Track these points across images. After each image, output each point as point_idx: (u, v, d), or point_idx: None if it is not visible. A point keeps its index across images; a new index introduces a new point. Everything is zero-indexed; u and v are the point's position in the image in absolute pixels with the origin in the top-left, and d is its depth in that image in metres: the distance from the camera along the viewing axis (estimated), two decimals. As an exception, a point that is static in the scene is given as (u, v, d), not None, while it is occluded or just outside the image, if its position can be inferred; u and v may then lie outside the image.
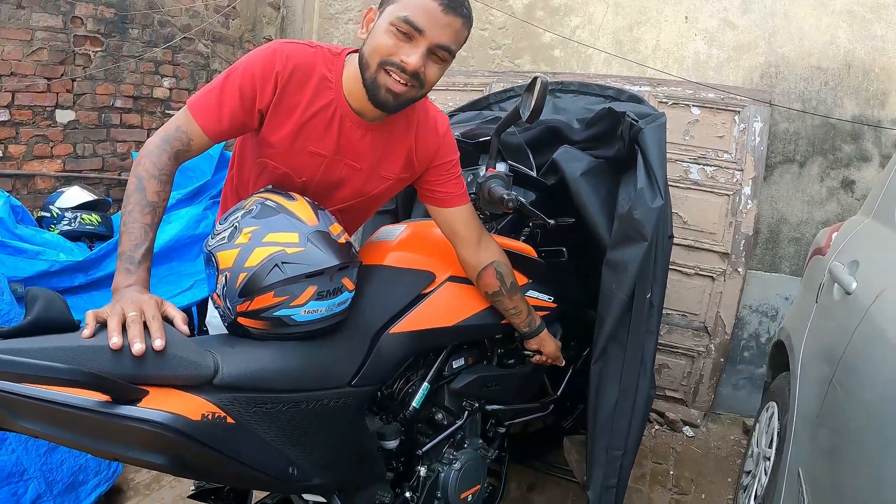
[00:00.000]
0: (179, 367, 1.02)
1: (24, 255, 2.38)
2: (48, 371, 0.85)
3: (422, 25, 1.23)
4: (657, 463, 2.83)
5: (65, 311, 0.98)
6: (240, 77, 1.28)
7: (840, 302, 1.68)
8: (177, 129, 1.27)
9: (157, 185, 1.20)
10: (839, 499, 1.31)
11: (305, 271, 1.17)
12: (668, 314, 3.13)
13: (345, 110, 1.36)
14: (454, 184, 1.55)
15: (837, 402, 1.46)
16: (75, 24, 3.10)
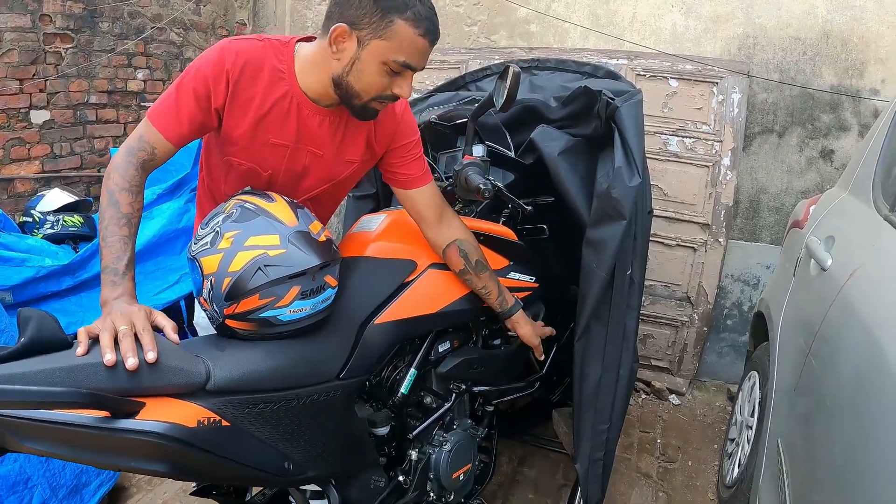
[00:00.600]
0: (173, 377, 1.04)
1: (9, 263, 2.36)
2: (49, 396, 0.89)
3: (416, 65, 1.29)
4: (644, 432, 2.89)
5: (57, 330, 1.00)
6: (192, 80, 1.29)
7: (816, 277, 1.70)
8: (139, 139, 1.29)
9: (129, 196, 1.22)
10: (815, 471, 1.34)
11: (288, 273, 1.19)
12: (651, 285, 3.18)
13: (301, 99, 1.38)
14: (415, 165, 1.57)
15: (813, 378, 1.49)
16: (44, 23, 3.03)
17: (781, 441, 1.62)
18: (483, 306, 1.74)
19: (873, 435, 1.11)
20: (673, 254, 3.13)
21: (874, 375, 1.16)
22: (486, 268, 1.66)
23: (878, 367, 1.15)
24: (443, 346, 1.71)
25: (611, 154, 1.79)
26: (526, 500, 2.41)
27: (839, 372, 1.35)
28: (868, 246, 1.55)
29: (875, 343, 1.19)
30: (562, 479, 2.52)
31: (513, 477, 2.53)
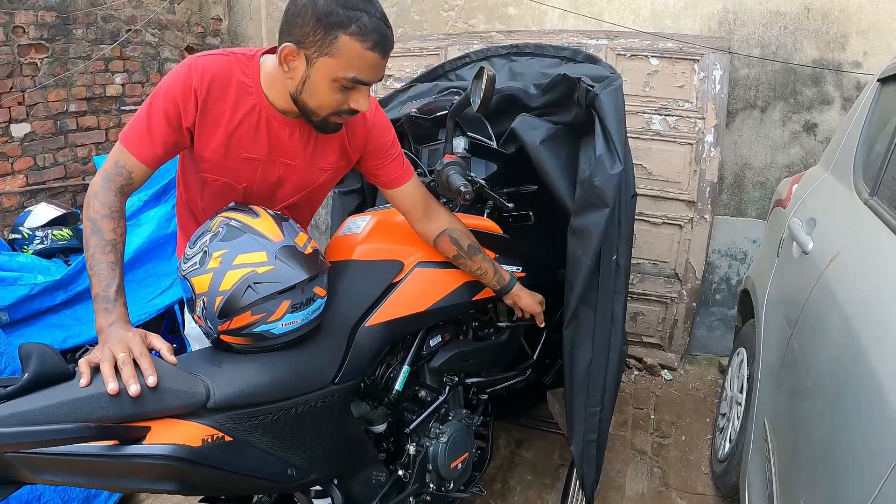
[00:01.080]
0: (174, 399, 1.08)
1: (2, 282, 2.37)
2: (59, 433, 0.93)
3: (368, 79, 1.26)
4: (638, 408, 2.94)
5: (59, 363, 1.02)
6: (162, 101, 1.29)
7: (798, 260, 1.72)
8: (115, 164, 1.29)
9: (111, 223, 1.24)
10: (798, 452, 1.37)
11: (278, 289, 1.22)
12: (639, 263, 3.21)
13: (269, 112, 1.37)
14: (393, 166, 1.58)
15: (795, 360, 1.51)
16: (17, 34, 2.99)
17: (767, 420, 1.65)
18: (472, 299, 1.76)
19: (848, 423, 1.13)
20: (659, 232, 3.16)
21: (850, 365, 1.18)
22: (478, 250, 1.69)
23: (854, 357, 1.16)
24: (434, 340, 1.74)
25: (592, 141, 1.81)
26: (524, 481, 2.46)
27: (818, 357, 1.37)
28: (848, 231, 1.55)
29: (852, 332, 1.20)
30: (559, 460, 2.57)
31: (511, 459, 2.58)
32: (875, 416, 1.03)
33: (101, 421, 0.99)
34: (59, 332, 2.47)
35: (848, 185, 1.73)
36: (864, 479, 1.01)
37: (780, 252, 1.96)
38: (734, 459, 2.06)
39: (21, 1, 2.98)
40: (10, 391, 0.96)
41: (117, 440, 1.01)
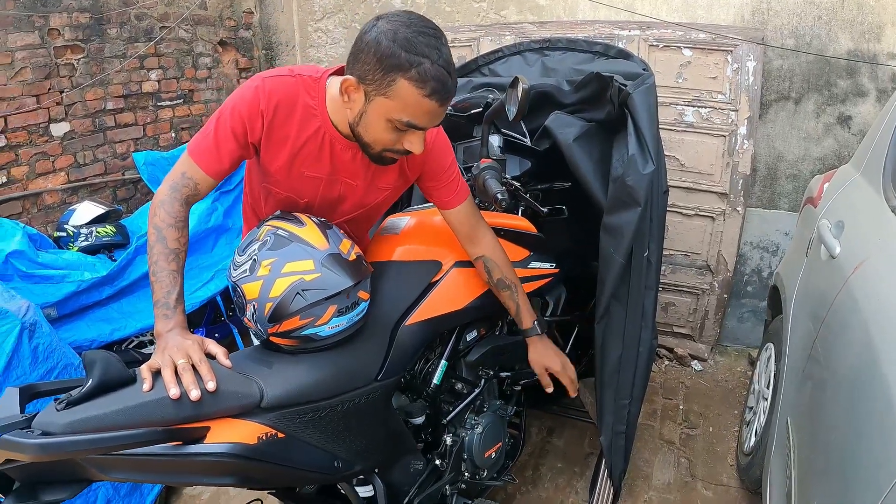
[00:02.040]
0: (231, 400, 1.15)
1: (50, 280, 2.47)
2: (130, 439, 1.02)
3: (422, 124, 1.27)
4: (667, 398, 2.97)
5: (122, 369, 1.10)
6: (229, 118, 1.34)
7: (826, 263, 1.71)
8: (182, 175, 1.36)
9: (175, 232, 1.30)
10: (817, 455, 1.39)
11: (325, 295, 1.28)
12: (671, 254, 3.23)
13: (333, 135, 1.40)
14: (448, 189, 1.60)
15: (818, 363, 1.52)
16: (53, 37, 3.07)
17: (790, 418, 1.66)
18: None
19: (861, 430, 1.15)
20: (692, 223, 3.17)
21: (866, 373, 1.19)
22: (507, 287, 1.71)
23: (870, 366, 1.18)
24: (470, 335, 1.80)
25: (625, 138, 1.83)
26: (555, 468, 2.52)
27: (839, 362, 1.38)
28: (875, 238, 1.53)
29: (870, 342, 1.21)
30: (588, 448, 2.63)
31: (542, 447, 2.64)
32: (887, 425, 1.04)
33: (164, 423, 1.07)
34: (105, 325, 2.59)
35: (877, 190, 1.70)
36: (873, 485, 1.03)
37: (809, 252, 1.96)
38: (759, 454, 2.08)
39: (55, 4, 3.06)
40: (77, 396, 1.04)
41: (180, 441, 1.09)
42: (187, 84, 3.84)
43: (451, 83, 1.23)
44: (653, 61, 3.04)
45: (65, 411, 1.01)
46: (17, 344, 1.89)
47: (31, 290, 2.39)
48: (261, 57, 4.34)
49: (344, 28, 4.02)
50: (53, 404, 1.04)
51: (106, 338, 2.55)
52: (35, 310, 2.03)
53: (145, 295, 2.73)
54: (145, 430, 1.04)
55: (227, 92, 4.10)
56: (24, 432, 0.98)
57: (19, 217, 2.98)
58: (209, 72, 3.99)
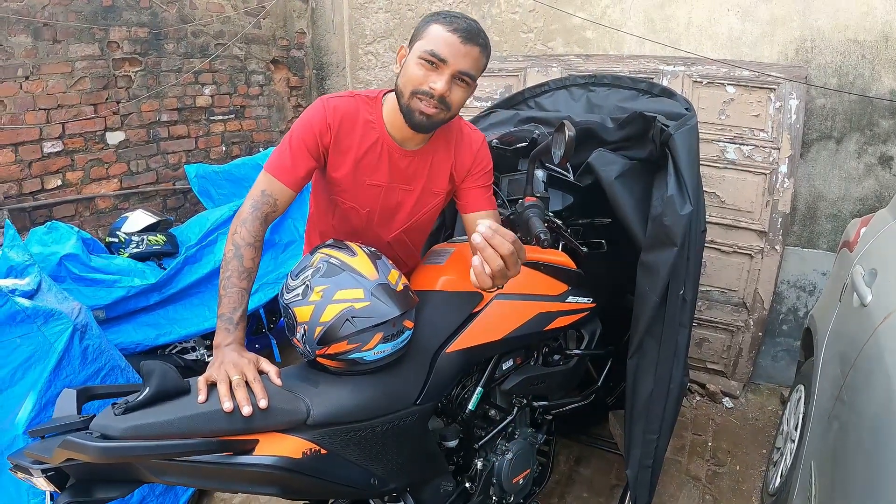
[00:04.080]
0: (280, 417, 1.23)
1: (101, 284, 2.59)
2: (187, 447, 1.09)
3: (445, 56, 1.42)
4: (696, 434, 2.96)
5: (178, 380, 1.18)
6: (302, 133, 1.52)
7: (857, 310, 1.72)
8: (262, 193, 1.49)
9: (252, 252, 1.42)
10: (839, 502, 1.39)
11: (372, 323, 1.35)
12: (707, 291, 3.23)
13: (390, 144, 1.58)
14: (480, 192, 1.72)
15: (844, 410, 1.52)
16: (112, 49, 3.23)
17: (814, 463, 1.66)
18: (545, 329, 1.85)
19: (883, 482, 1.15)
20: (729, 260, 3.17)
21: (889, 426, 1.20)
22: None
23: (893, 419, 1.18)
24: (506, 364, 1.84)
25: (665, 178, 1.87)
26: (580, 498, 2.53)
27: (864, 411, 1.38)
28: None
29: (893, 393, 1.22)
30: (615, 480, 2.64)
31: (569, 476, 2.66)
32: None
33: (216, 433, 1.14)
34: (151, 330, 2.69)
35: None
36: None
37: (843, 297, 1.95)
38: (782, 496, 2.07)
39: (115, 18, 3.23)
40: (135, 403, 1.11)
41: (231, 451, 1.16)
42: (239, 100, 3.99)
43: (475, 27, 1.44)
44: (696, 97, 3.07)
45: (122, 416, 1.09)
46: (68, 344, 1.99)
47: (83, 293, 2.51)
48: (311, 77, 4.48)
49: (393, 52, 4.13)
50: (111, 408, 1.11)
51: (151, 342, 2.65)
52: (86, 312, 2.14)
53: (191, 303, 2.84)
54: (200, 440, 1.11)
55: (278, 109, 4.24)
56: (86, 434, 1.06)
57: (71, 220, 3.13)
58: (261, 89, 4.13)
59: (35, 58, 2.92)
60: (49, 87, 2.99)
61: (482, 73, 1.52)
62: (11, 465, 1.09)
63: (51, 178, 3.06)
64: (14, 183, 2.91)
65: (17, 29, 2.84)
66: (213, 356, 1.29)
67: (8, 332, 1.94)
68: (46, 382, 1.91)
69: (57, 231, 2.69)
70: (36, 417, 1.86)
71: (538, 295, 1.83)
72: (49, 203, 3.05)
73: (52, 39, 2.97)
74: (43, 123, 2.99)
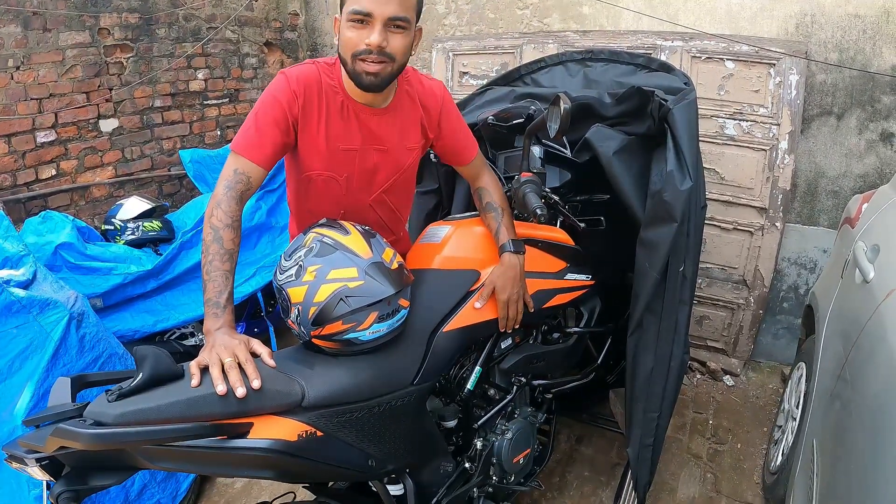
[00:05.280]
0: (274, 399, 1.21)
1: (97, 272, 2.57)
2: (180, 432, 1.07)
3: (368, 9, 1.40)
4: (697, 412, 2.96)
5: (171, 365, 1.16)
6: (270, 108, 1.49)
7: (859, 286, 1.70)
8: (234, 172, 1.44)
9: (231, 232, 1.38)
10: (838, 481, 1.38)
11: (367, 302, 1.33)
12: (707, 268, 3.21)
13: (356, 106, 1.57)
14: (460, 136, 1.78)
15: (846, 388, 1.51)
16: (103, 36, 3.19)
17: (816, 441, 1.65)
18: (543, 307, 1.84)
19: (886, 460, 1.14)
20: (730, 237, 3.15)
21: (891, 403, 1.18)
22: (493, 209, 1.78)
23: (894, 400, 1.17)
24: (505, 343, 1.83)
25: (664, 153, 1.85)
26: (581, 477, 2.54)
27: (866, 389, 1.36)
28: None
29: (895, 373, 1.20)
30: (616, 458, 2.64)
31: (570, 455, 2.67)
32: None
33: (210, 417, 1.12)
34: (149, 316, 2.67)
35: None
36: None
37: (844, 274, 1.93)
38: (784, 474, 2.06)
39: (105, 4, 3.18)
40: (128, 389, 1.09)
41: (225, 435, 1.14)
42: (233, 84, 3.95)
43: None
44: (695, 73, 3.03)
45: (116, 402, 1.07)
46: (65, 333, 1.98)
47: (79, 281, 2.49)
48: (306, 58, 4.40)
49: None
50: (104, 395, 1.09)
51: (149, 329, 2.64)
52: (83, 300, 2.12)
53: (188, 288, 2.82)
54: (194, 424, 1.10)
55: (273, 93, 4.18)
56: (78, 421, 1.04)
57: (67, 209, 3.11)
58: (255, 72, 4.09)
59: (25, 47, 2.88)
60: (40, 77, 2.96)
61: (418, 13, 1.50)
62: (6, 455, 1.08)
63: (45, 167, 3.03)
64: (8, 174, 2.88)
65: (7, 19, 2.80)
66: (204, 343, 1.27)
67: (4, 323, 1.91)
68: (44, 372, 1.89)
69: (51, 220, 2.67)
70: (34, 408, 1.84)
71: (536, 272, 1.81)
72: (44, 193, 3.02)
73: (41, 28, 2.93)
74: (35, 113, 2.96)
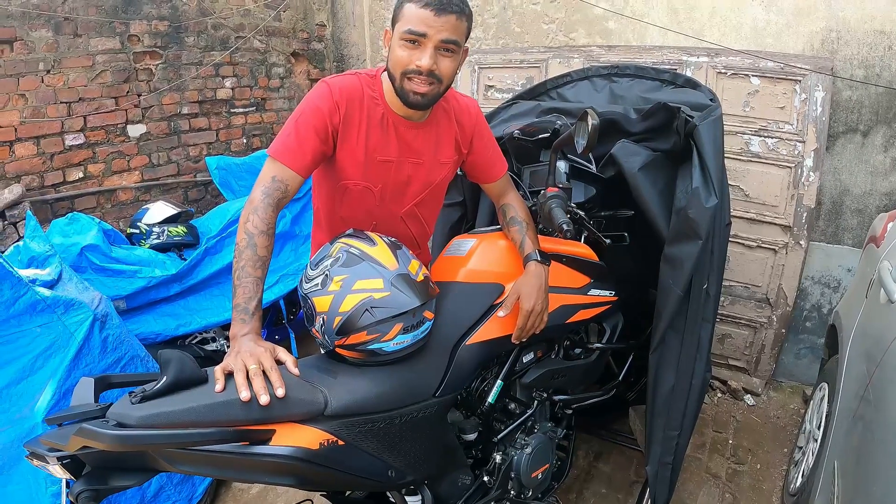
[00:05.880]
0: (297, 407, 1.21)
1: (122, 275, 2.60)
2: (203, 437, 1.08)
3: (422, 31, 1.44)
4: (717, 432, 2.93)
5: (196, 369, 1.17)
6: (309, 117, 1.51)
7: (885, 307, 1.68)
8: (272, 179, 1.45)
9: (266, 239, 1.38)
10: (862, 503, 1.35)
11: (392, 313, 1.34)
12: (730, 286, 3.18)
13: (395, 118, 1.60)
14: (490, 154, 1.81)
15: (870, 409, 1.49)
16: (132, 43, 3.25)
17: (838, 463, 1.63)
18: (566, 322, 1.83)
19: None
20: (753, 255, 3.12)
21: None
22: (517, 223, 1.79)
23: None
24: (527, 357, 1.83)
25: (690, 170, 1.84)
26: (599, 494, 2.51)
27: (889, 413, 1.35)
28: None
29: None
30: (634, 476, 2.61)
31: (588, 471, 2.64)
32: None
33: (233, 423, 1.13)
34: (171, 320, 2.70)
35: None
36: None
37: (869, 293, 1.91)
38: (804, 496, 2.03)
39: (136, 11, 3.24)
40: (152, 391, 1.10)
41: (247, 441, 1.15)
42: (260, 92, 4.00)
43: None
44: (720, 89, 3.02)
45: (139, 404, 1.08)
46: (88, 333, 2.00)
47: (104, 283, 2.52)
48: (332, 69, 4.48)
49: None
50: (128, 397, 1.10)
51: (171, 332, 2.66)
52: (107, 302, 2.15)
53: (211, 294, 2.85)
54: (217, 429, 1.10)
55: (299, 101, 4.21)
56: (101, 422, 1.05)
57: (93, 211, 3.16)
58: (281, 81, 4.14)
59: (56, 52, 2.94)
60: (70, 81, 3.01)
61: (467, 35, 1.53)
62: (28, 452, 1.09)
63: (73, 170, 3.09)
64: (36, 175, 2.94)
65: (38, 23, 2.87)
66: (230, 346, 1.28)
67: (29, 322, 1.94)
68: (66, 371, 1.91)
69: (78, 222, 2.71)
70: (55, 406, 1.86)
71: (560, 287, 1.81)
72: (71, 195, 3.08)
73: (72, 33, 2.99)
74: (64, 116, 3.02)
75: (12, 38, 2.79)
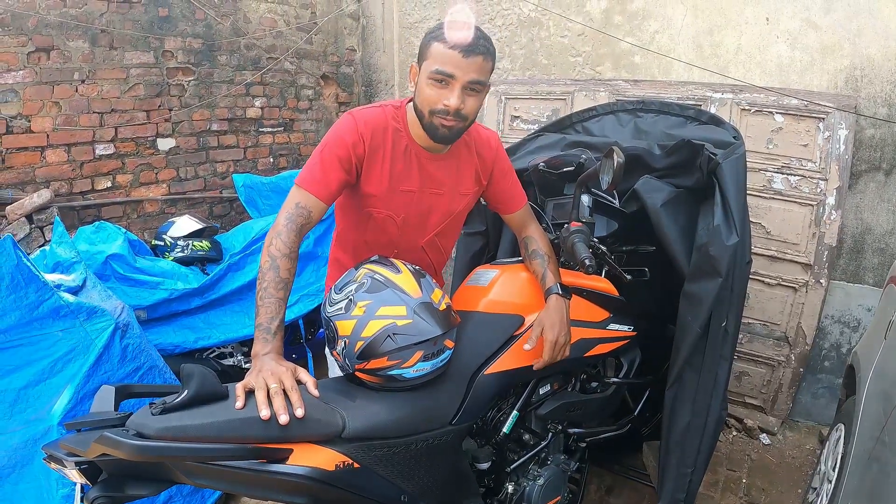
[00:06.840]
0: (315, 428, 1.24)
1: (145, 286, 2.65)
2: (222, 452, 1.11)
3: (451, 72, 1.48)
4: (731, 470, 2.89)
5: (217, 385, 1.20)
6: (335, 147, 1.56)
7: None
8: (296, 205, 1.50)
9: (288, 262, 1.43)
10: None
11: (414, 341, 1.36)
12: (749, 323, 3.17)
13: (418, 150, 1.65)
14: (509, 186, 1.85)
15: (884, 453, 1.47)
16: (166, 58, 3.34)
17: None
18: (584, 356, 1.84)
19: None
20: (773, 293, 3.11)
21: None
22: (539, 256, 1.81)
23: None
24: (543, 389, 1.83)
25: (712, 207, 1.85)
26: (609, 528, 2.49)
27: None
28: None
29: None
30: (645, 512, 2.58)
31: (599, 504, 2.62)
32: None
33: (252, 440, 1.15)
34: (191, 333, 2.74)
35: None
36: None
37: (888, 335, 1.90)
38: (817, 537, 2.00)
39: (171, 28, 3.32)
40: (172, 404, 1.12)
41: (265, 459, 1.17)
42: (289, 113, 4.07)
43: (473, 39, 1.47)
44: (744, 125, 3.03)
45: (159, 416, 1.10)
46: (109, 341, 2.04)
47: (126, 293, 2.57)
48: (360, 93, 4.54)
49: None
50: (148, 408, 1.12)
51: (189, 345, 2.69)
52: (129, 311, 2.19)
53: (231, 310, 2.88)
54: (235, 445, 1.13)
55: (326, 123, 4.30)
56: (122, 431, 1.07)
57: (119, 221, 3.22)
58: (310, 103, 4.21)
59: (91, 62, 3.03)
60: (104, 92, 3.10)
61: (491, 73, 1.57)
62: (45, 454, 1.11)
63: (101, 179, 3.16)
64: (65, 181, 3.01)
65: (76, 34, 2.96)
66: (251, 364, 1.31)
67: (51, 326, 1.99)
68: (85, 377, 1.94)
69: (104, 231, 2.77)
70: (71, 410, 1.89)
71: (580, 321, 1.82)
72: (98, 203, 3.15)
73: (108, 46, 3.08)
74: (96, 126, 3.10)
75: (49, 47, 2.88)
